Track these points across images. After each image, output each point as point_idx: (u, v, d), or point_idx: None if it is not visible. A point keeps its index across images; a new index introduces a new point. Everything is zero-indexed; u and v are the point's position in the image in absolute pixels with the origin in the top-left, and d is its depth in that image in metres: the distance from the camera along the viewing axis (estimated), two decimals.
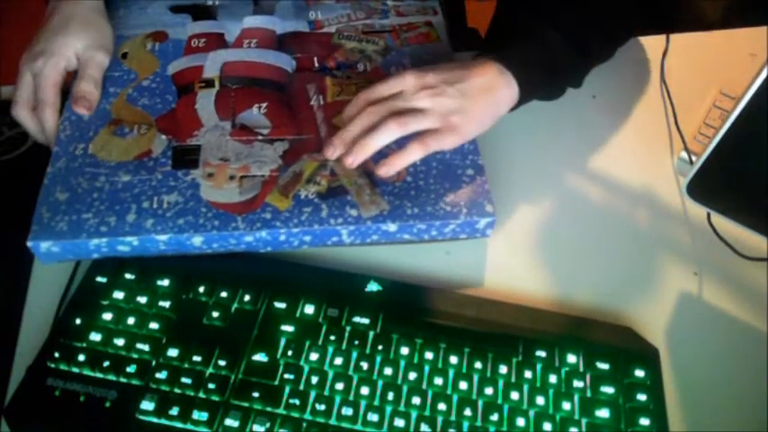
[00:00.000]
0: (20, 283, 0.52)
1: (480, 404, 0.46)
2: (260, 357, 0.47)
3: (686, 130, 0.65)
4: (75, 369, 0.46)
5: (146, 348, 0.46)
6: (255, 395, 0.45)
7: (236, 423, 0.44)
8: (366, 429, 0.45)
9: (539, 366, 0.48)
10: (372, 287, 0.51)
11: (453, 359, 0.48)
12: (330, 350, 0.47)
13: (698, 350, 0.53)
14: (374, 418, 0.45)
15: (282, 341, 0.48)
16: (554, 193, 0.61)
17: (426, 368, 0.47)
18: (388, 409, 0.45)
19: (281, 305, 0.49)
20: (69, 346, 0.46)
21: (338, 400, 0.45)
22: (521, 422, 0.45)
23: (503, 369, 0.47)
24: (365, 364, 0.47)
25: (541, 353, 0.48)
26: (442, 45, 0.64)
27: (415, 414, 0.45)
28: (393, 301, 0.51)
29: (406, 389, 0.46)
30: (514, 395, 0.47)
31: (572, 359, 0.48)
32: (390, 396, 0.46)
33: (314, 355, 0.47)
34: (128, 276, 0.50)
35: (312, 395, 0.46)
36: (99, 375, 0.46)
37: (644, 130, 0.66)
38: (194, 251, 0.51)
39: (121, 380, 0.45)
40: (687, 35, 0.74)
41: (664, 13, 0.66)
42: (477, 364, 0.47)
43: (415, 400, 0.46)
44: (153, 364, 0.46)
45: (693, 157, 0.62)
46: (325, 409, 0.45)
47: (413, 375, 0.47)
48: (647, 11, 0.63)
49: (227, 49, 0.61)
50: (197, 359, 0.46)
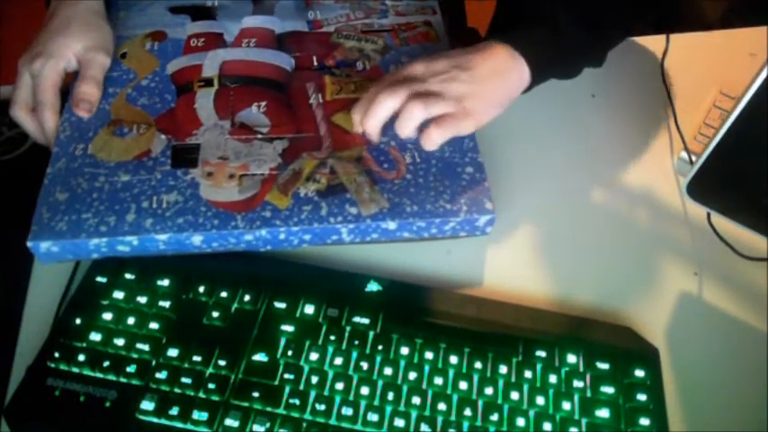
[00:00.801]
0: (20, 283, 0.52)
1: (480, 404, 0.46)
2: (260, 357, 0.47)
3: (686, 130, 0.65)
4: (76, 369, 0.46)
5: (146, 348, 0.46)
6: (255, 395, 0.45)
7: (236, 423, 0.44)
8: (366, 429, 0.45)
9: (539, 366, 0.48)
10: (372, 287, 0.51)
11: (453, 359, 0.48)
12: (330, 350, 0.47)
13: (698, 350, 0.53)
14: (374, 418, 0.45)
15: (282, 341, 0.48)
16: (554, 193, 0.61)
17: (426, 368, 0.47)
18: (388, 409, 0.45)
19: (281, 305, 0.49)
20: (69, 346, 0.46)
21: (338, 400, 0.45)
22: (521, 422, 0.45)
23: (503, 369, 0.47)
24: (365, 364, 0.47)
25: (541, 353, 0.48)
26: (442, 45, 0.64)
27: (415, 414, 0.45)
28: (393, 301, 0.51)
29: (406, 389, 0.46)
30: (514, 395, 0.47)
31: (572, 359, 0.48)
32: (390, 396, 0.46)
33: (314, 355, 0.47)
34: (128, 276, 0.50)
35: (312, 395, 0.46)
36: (99, 375, 0.46)
37: (644, 130, 0.66)
38: (194, 250, 0.51)
39: (121, 380, 0.45)
40: (687, 35, 0.74)
41: (664, 12, 0.66)
42: (478, 364, 0.47)
43: (415, 400, 0.46)
44: (153, 364, 0.46)
45: (693, 157, 0.62)
46: (325, 409, 0.45)
47: (413, 375, 0.47)
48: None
49: (226, 49, 0.61)
50: (197, 359, 0.46)
